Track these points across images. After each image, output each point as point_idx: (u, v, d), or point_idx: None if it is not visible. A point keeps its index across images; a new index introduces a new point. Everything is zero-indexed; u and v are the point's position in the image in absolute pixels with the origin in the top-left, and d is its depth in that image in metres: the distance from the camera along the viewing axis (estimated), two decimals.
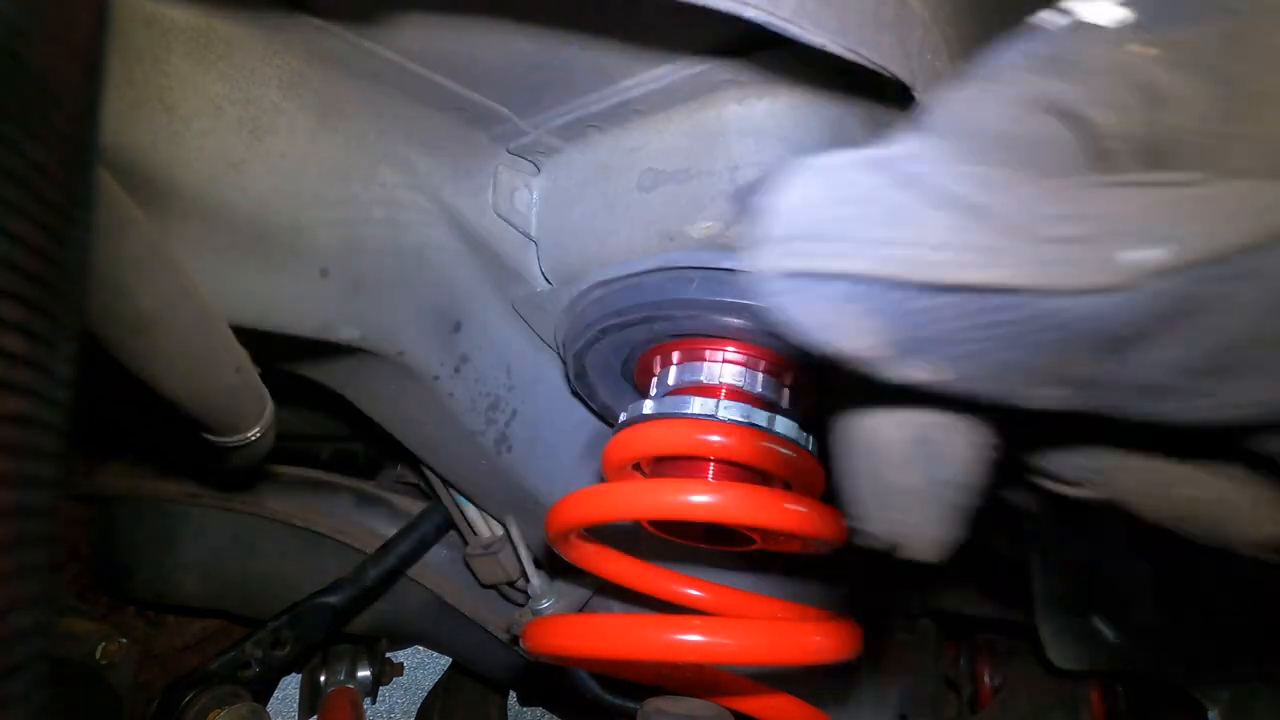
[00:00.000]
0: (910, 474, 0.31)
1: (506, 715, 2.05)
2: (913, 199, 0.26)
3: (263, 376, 0.70)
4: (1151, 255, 0.24)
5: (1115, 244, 0.24)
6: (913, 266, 0.25)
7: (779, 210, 0.27)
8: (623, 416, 0.79)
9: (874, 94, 0.67)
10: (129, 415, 1.30)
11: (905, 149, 0.28)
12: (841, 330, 0.27)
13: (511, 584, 1.20)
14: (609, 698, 1.15)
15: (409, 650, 2.23)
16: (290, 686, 1.84)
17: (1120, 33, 0.29)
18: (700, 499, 0.68)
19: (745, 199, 0.29)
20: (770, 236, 0.27)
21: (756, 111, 0.70)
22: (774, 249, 0.27)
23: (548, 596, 1.12)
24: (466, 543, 1.20)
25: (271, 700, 1.82)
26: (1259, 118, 0.27)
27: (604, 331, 0.79)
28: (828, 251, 0.26)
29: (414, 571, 1.29)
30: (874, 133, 0.71)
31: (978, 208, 0.25)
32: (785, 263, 0.27)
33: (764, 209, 0.28)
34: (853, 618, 0.78)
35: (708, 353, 0.78)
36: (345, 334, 0.74)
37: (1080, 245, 0.24)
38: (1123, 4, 0.29)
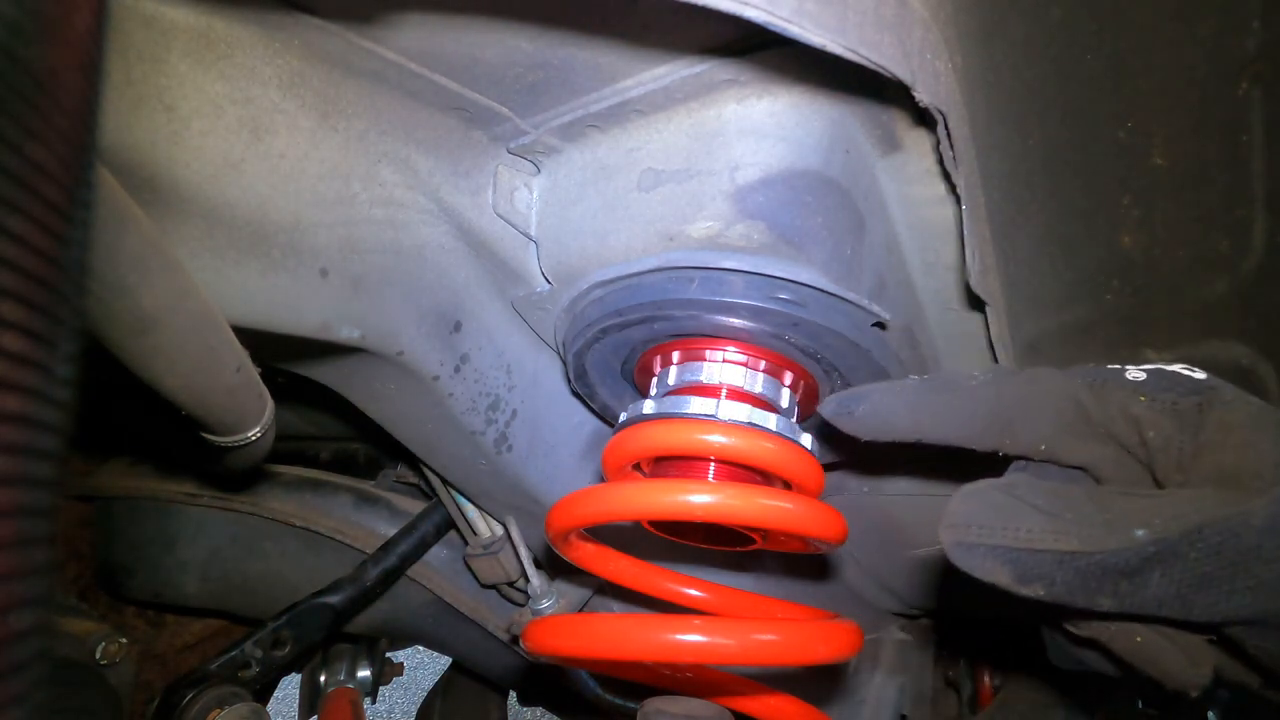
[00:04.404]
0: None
1: (506, 715, 2.05)
2: (1023, 508, 0.51)
3: (263, 376, 0.70)
4: (1142, 534, 0.47)
5: (1130, 525, 0.48)
6: (1025, 541, 0.50)
7: (957, 510, 0.53)
8: (623, 416, 0.79)
9: (874, 94, 0.67)
10: (129, 415, 1.30)
11: (1015, 479, 0.54)
12: (992, 572, 0.51)
13: (511, 584, 1.20)
14: (609, 698, 1.15)
15: (409, 650, 2.23)
16: (290, 686, 1.84)
17: (1139, 386, 0.55)
18: (700, 499, 0.68)
19: None
20: (954, 523, 0.52)
21: (756, 111, 0.70)
22: (955, 530, 0.52)
23: (548, 596, 1.12)
24: (466, 543, 1.20)
25: (271, 700, 1.83)
26: (1207, 455, 0.51)
27: (604, 331, 0.79)
28: (981, 534, 0.51)
29: (414, 571, 1.29)
30: (874, 133, 0.71)
31: (1054, 513, 0.50)
32: (962, 537, 0.51)
33: (951, 510, 0.53)
34: (852, 618, 0.78)
35: (708, 353, 0.78)
36: (345, 334, 0.74)
37: (1109, 527, 0.48)
38: (1141, 370, 0.56)
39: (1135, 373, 0.55)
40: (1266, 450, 0.49)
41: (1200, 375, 0.55)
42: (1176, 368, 0.56)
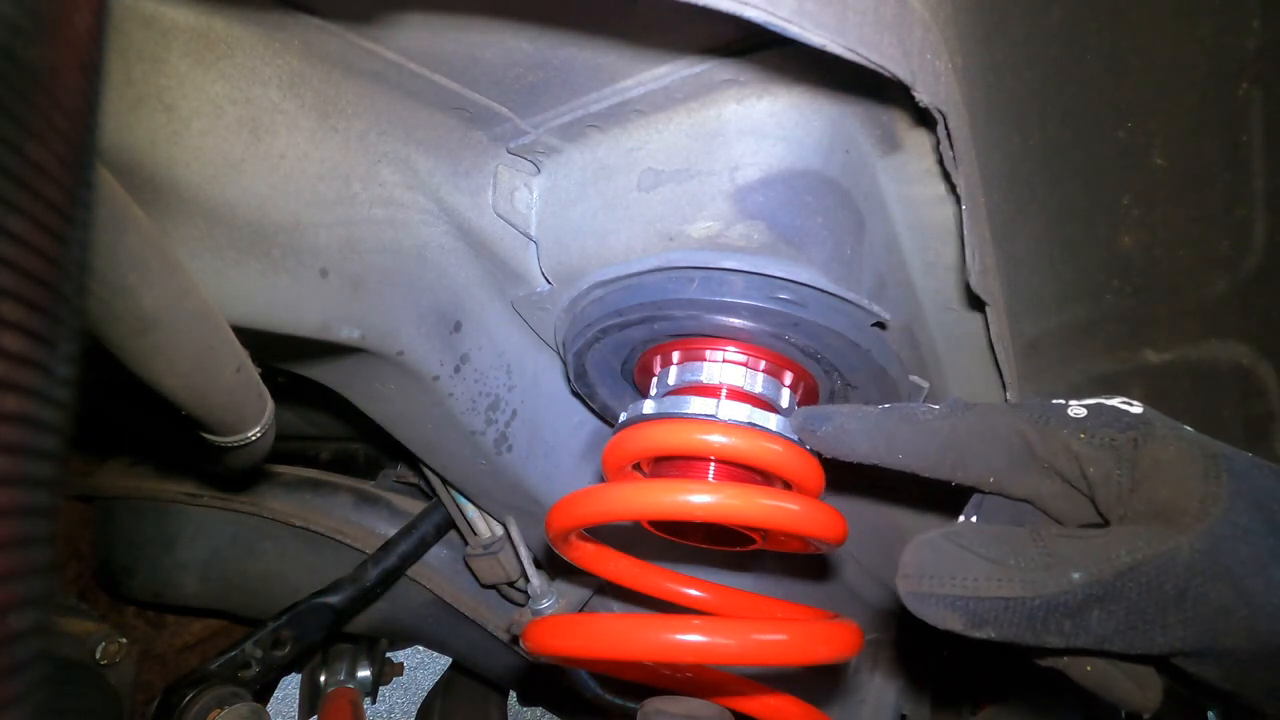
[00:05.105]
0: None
1: (506, 715, 2.05)
2: (969, 556, 0.54)
3: (263, 376, 0.70)
4: (1078, 576, 0.50)
5: (1067, 568, 0.51)
6: (972, 589, 0.52)
7: (910, 560, 0.55)
8: (623, 416, 0.79)
9: (874, 94, 0.67)
10: (129, 415, 1.30)
11: (961, 527, 0.57)
12: (945, 620, 0.53)
13: (511, 584, 1.20)
14: (609, 698, 1.15)
15: (409, 650, 2.23)
16: (290, 686, 1.84)
17: (1079, 423, 0.57)
18: (700, 499, 0.68)
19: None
20: (907, 574, 0.55)
21: (756, 111, 0.70)
22: (908, 580, 0.55)
23: (548, 596, 1.12)
24: (466, 543, 1.20)
25: (271, 700, 1.83)
26: (1142, 490, 0.54)
27: (604, 331, 0.79)
28: (932, 584, 0.54)
29: (414, 571, 1.29)
30: (874, 133, 0.71)
31: (998, 560, 0.53)
32: (915, 587, 0.54)
33: (904, 561, 0.55)
34: (852, 618, 0.78)
35: (708, 352, 0.78)
36: (345, 334, 0.74)
37: (1049, 570, 0.51)
38: (1083, 406, 0.58)
39: (1077, 409, 0.58)
40: (1193, 486, 0.51)
41: (1137, 409, 0.57)
42: (1116, 402, 0.59)
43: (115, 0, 0.55)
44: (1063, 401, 0.60)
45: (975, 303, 0.74)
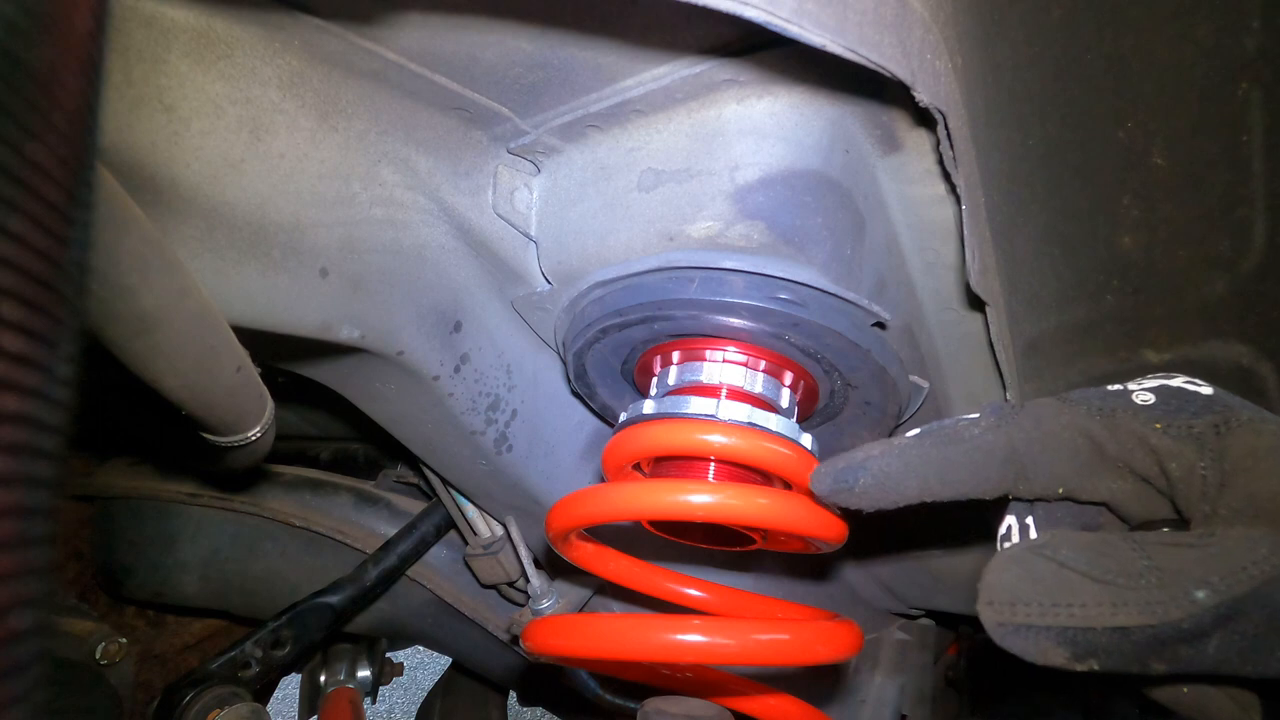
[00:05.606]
0: None
1: (506, 715, 2.05)
2: (1073, 578, 0.46)
3: (263, 376, 0.70)
4: (1203, 595, 0.43)
5: (1187, 586, 0.44)
6: (1080, 619, 0.45)
7: (996, 584, 0.48)
8: (623, 416, 0.79)
9: (874, 94, 0.67)
10: (129, 415, 1.30)
11: (1051, 538, 0.49)
12: (1045, 654, 0.46)
13: (511, 584, 1.20)
14: (609, 698, 1.15)
15: (409, 650, 2.23)
16: (290, 686, 1.84)
17: (1150, 412, 0.50)
18: (700, 499, 0.68)
19: None
20: (993, 600, 0.47)
21: (756, 111, 0.70)
22: (998, 609, 0.47)
23: (548, 596, 1.12)
24: (466, 543, 1.20)
25: (271, 700, 1.83)
26: (1236, 485, 0.48)
27: (604, 331, 0.79)
28: (1030, 614, 0.46)
29: (414, 571, 1.29)
30: (874, 133, 0.71)
31: (1105, 579, 0.46)
32: (1008, 618, 0.47)
33: (989, 584, 0.48)
34: (852, 618, 0.78)
35: (708, 352, 0.78)
36: (345, 334, 0.74)
37: (1166, 589, 0.44)
38: (1147, 390, 0.52)
39: (1142, 394, 0.52)
40: None
41: (1206, 390, 0.51)
42: (1180, 382, 0.52)
43: (115, 0, 0.55)
44: (1121, 387, 0.53)
45: (975, 303, 0.74)
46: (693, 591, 0.96)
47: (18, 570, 0.23)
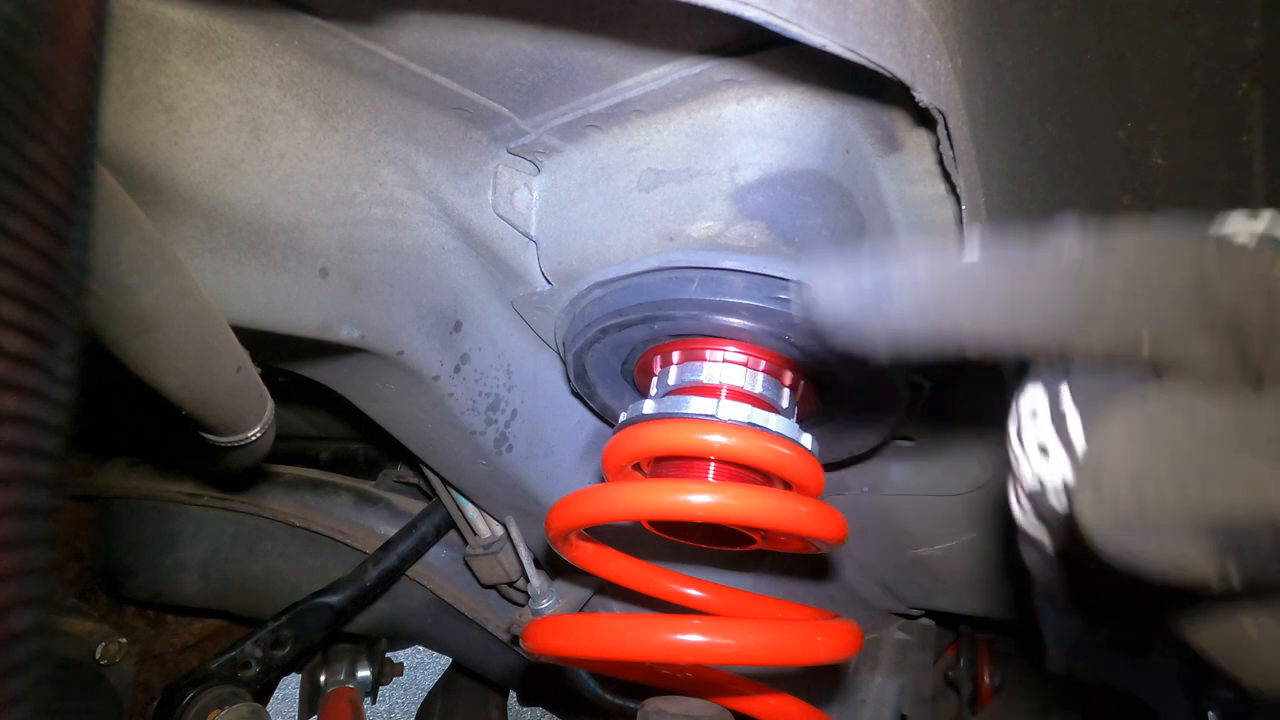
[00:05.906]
0: None
1: (506, 715, 2.05)
2: (1224, 454, 0.32)
3: (263, 376, 0.70)
4: None
5: None
6: (1253, 508, 0.31)
7: (1105, 463, 0.33)
8: (623, 416, 0.79)
9: (874, 94, 0.67)
10: (129, 415, 1.30)
11: (1162, 402, 0.35)
12: (1188, 564, 0.32)
13: (511, 584, 1.20)
14: (609, 698, 1.15)
15: (409, 650, 2.23)
16: (290, 686, 1.84)
17: (1257, 254, 0.36)
18: (700, 499, 0.68)
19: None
20: (1107, 485, 0.33)
21: (756, 111, 0.70)
22: (1113, 500, 0.33)
23: (548, 596, 1.12)
24: (466, 543, 1.20)
25: (271, 700, 1.83)
26: None
27: (604, 331, 0.79)
28: (1171, 500, 0.32)
29: (414, 571, 1.29)
30: (874, 133, 0.71)
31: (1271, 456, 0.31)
32: (1135, 510, 0.32)
33: (1091, 461, 0.33)
34: (852, 618, 0.78)
35: (708, 353, 0.78)
36: (345, 334, 0.74)
37: None
38: (1241, 229, 0.38)
39: (1239, 234, 0.39)
40: None
41: None
42: (1268, 217, 0.39)
43: (115, 0, 0.55)
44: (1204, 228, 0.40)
45: None
46: (693, 591, 0.96)
47: (18, 570, 0.23)
